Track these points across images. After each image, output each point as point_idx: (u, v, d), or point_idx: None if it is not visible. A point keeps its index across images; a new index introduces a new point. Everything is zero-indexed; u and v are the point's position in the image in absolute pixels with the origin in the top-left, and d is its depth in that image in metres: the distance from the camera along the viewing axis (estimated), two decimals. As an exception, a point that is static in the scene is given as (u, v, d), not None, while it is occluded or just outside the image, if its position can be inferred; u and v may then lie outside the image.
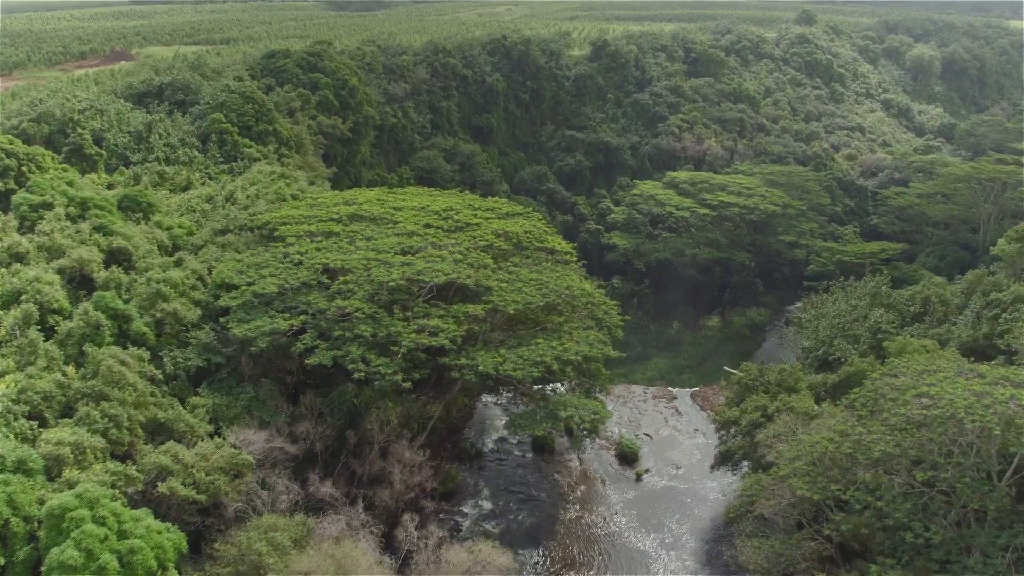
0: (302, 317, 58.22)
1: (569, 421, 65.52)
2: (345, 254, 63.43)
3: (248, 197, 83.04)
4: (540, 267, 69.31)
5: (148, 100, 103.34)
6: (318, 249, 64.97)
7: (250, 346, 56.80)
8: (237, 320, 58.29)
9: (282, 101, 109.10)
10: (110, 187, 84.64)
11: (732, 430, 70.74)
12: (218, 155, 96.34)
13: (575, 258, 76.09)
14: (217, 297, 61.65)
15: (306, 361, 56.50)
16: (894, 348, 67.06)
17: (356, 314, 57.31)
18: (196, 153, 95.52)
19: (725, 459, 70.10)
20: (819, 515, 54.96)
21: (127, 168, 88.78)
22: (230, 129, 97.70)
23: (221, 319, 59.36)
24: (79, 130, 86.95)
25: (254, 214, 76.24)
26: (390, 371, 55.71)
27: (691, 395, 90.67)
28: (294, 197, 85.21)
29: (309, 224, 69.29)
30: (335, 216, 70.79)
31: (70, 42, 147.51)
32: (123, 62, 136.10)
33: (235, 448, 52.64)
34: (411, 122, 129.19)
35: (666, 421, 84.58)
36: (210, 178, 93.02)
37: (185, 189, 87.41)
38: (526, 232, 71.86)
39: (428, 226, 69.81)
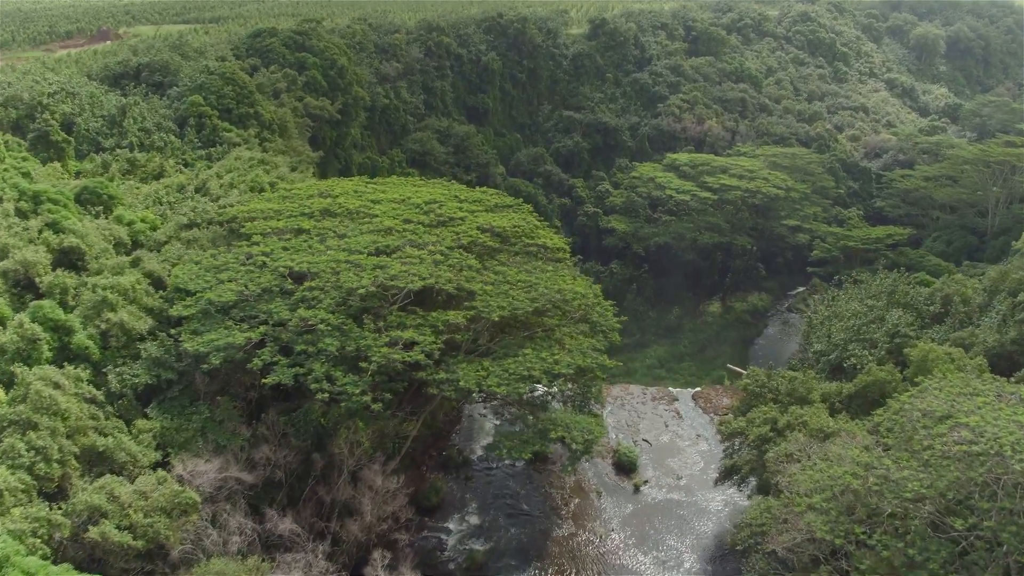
0: (262, 328, 50.31)
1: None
2: (313, 255, 55.42)
3: (222, 186, 75.09)
4: (530, 266, 61.26)
5: (125, 82, 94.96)
6: (285, 248, 56.99)
7: (202, 363, 49.04)
8: (190, 332, 50.40)
9: (267, 82, 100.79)
10: (79, 175, 76.82)
11: (737, 441, 63.06)
12: (196, 140, 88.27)
13: (568, 254, 67.94)
14: (173, 303, 53.88)
15: (263, 381, 48.69)
16: (916, 355, 59.15)
17: (320, 326, 49.37)
18: (173, 138, 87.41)
19: (730, 474, 62.37)
20: (838, 551, 47.37)
21: (98, 155, 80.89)
22: (209, 112, 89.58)
23: (173, 330, 51.46)
24: (46, 115, 78.71)
25: (224, 206, 68.37)
26: (358, 391, 47.87)
27: (692, 396, 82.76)
28: (272, 185, 77.31)
29: (278, 220, 61.28)
30: (307, 210, 62.74)
31: (57, 21, 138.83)
32: (108, 41, 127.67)
33: (182, 482, 44.97)
34: (404, 103, 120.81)
35: (666, 425, 76.67)
36: (186, 165, 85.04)
37: (158, 177, 79.34)
38: (514, 227, 63.70)
39: (408, 221, 61.69)
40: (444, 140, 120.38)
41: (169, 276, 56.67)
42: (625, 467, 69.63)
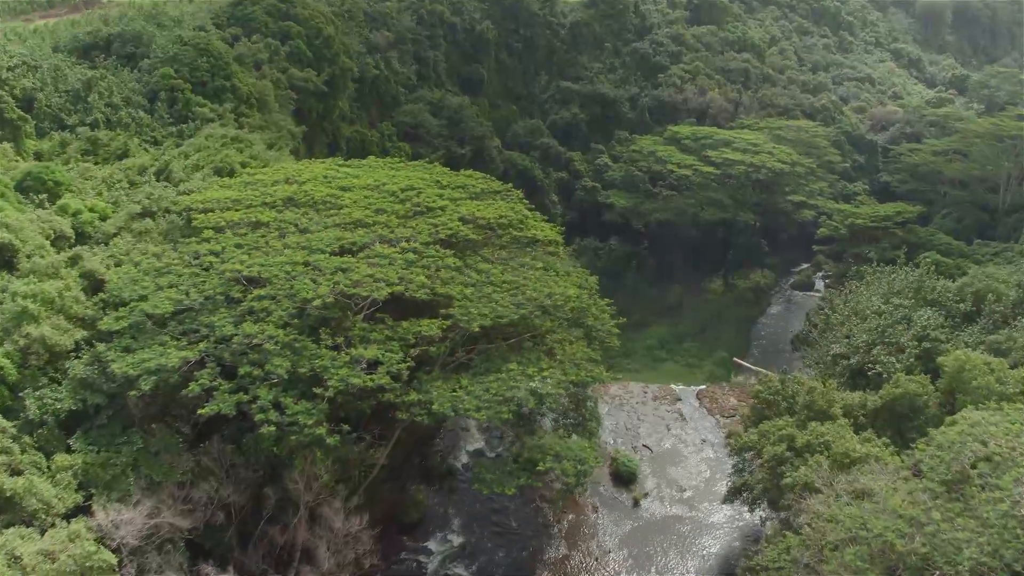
0: (202, 345, 41.25)
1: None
2: (268, 255, 46.21)
3: (186, 168, 65.90)
4: (517, 262, 52.14)
5: (95, 54, 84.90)
6: (238, 246, 47.77)
7: (131, 388, 40.12)
8: (121, 349, 41.38)
9: (248, 53, 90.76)
10: (38, 156, 67.65)
11: (748, 456, 54.35)
12: (167, 116, 78.59)
13: (561, 246, 58.67)
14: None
15: (200, 411, 39.73)
16: (950, 366, 50.08)
17: (268, 345, 40.29)
18: (142, 114, 77.66)
19: (739, 493, 53.69)
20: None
21: (59, 133, 71.57)
22: (181, 86, 79.78)
23: (100, 347, 42.33)
24: (3, 91, 69.17)
25: (184, 192, 59.29)
26: (311, 421, 39.04)
27: (697, 395, 73.69)
28: (244, 166, 68.06)
29: (236, 211, 52.06)
30: (269, 200, 53.46)
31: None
32: (90, 10, 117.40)
33: (101, 536, 36.32)
34: (395, 74, 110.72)
35: (668, 429, 67.73)
36: (156, 143, 75.53)
37: (122, 158, 69.99)
38: (500, 217, 54.27)
39: (381, 211, 52.36)
40: (437, 112, 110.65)
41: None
42: (624, 478, 60.78)
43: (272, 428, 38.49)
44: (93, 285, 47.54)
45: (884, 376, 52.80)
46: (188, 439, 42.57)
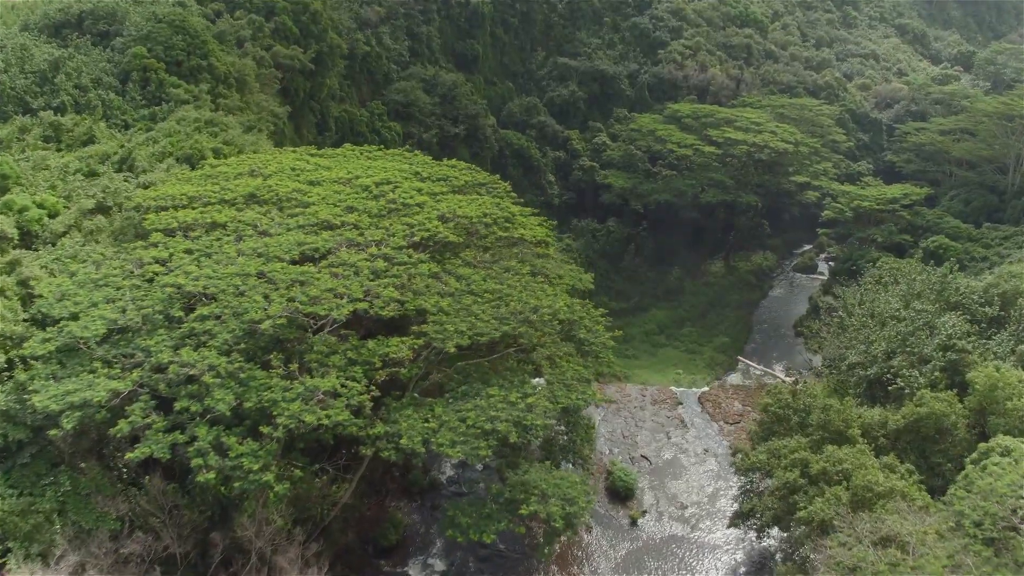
0: (135, 374, 34.67)
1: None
2: (218, 265, 39.49)
3: (152, 157, 59.16)
4: (502, 264, 45.38)
5: (66, 32, 77.70)
6: (189, 252, 41.13)
7: (52, 426, 33.60)
8: (45, 377, 34.82)
9: (230, 30, 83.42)
10: (-2, 143, 61.05)
11: (757, 477, 47.92)
12: (139, 98, 71.61)
13: (552, 242, 51.86)
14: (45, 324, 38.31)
15: (128, 455, 33.23)
16: (981, 382, 43.54)
17: (207, 377, 33.64)
18: (112, 96, 70.63)
19: (746, 518, 47.27)
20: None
21: (21, 118, 64.68)
22: (155, 66, 72.55)
23: (22, 375, 35.70)
24: (-41, 73, 62.45)
25: (143, 185, 52.65)
26: (258, 466, 32.59)
27: (699, 399, 67.02)
28: (216, 152, 61.36)
29: (192, 209, 45.30)
30: (229, 196, 46.62)
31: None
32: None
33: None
34: (386, 50, 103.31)
35: (668, 437, 61.12)
36: (126, 127, 68.83)
37: (87, 144, 63.18)
38: (484, 214, 47.38)
39: (351, 210, 45.53)
40: (430, 90, 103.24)
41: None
42: (620, 494, 54.24)
43: (211, 476, 31.92)
44: (32, 295, 40.99)
45: (906, 391, 46.13)
46: (124, 478, 36.04)
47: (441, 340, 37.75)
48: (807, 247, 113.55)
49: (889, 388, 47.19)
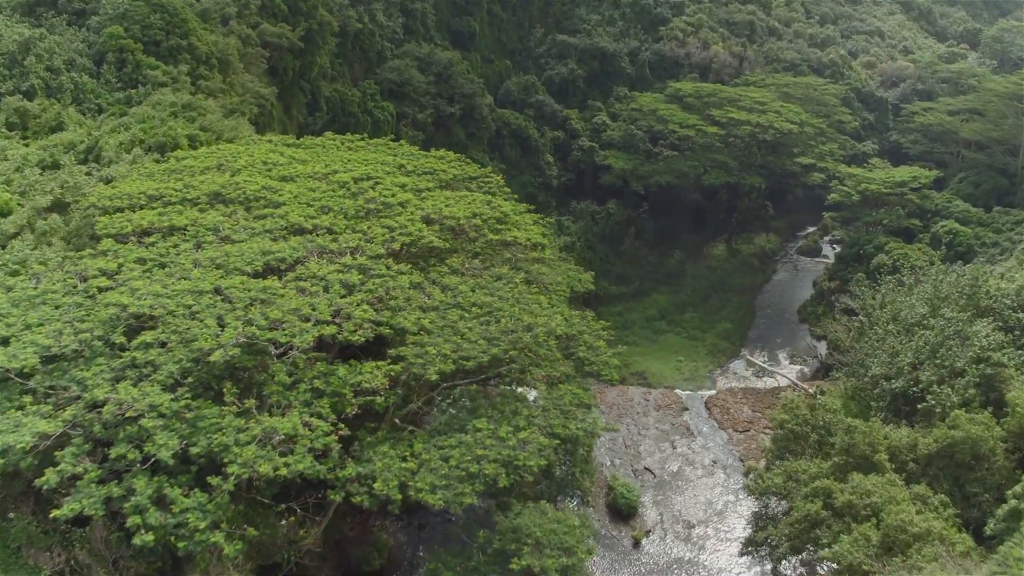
0: (69, 411, 29.03)
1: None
2: (170, 279, 33.74)
3: (121, 146, 53.33)
4: (493, 272, 39.65)
5: (41, 11, 71.44)
6: (140, 262, 35.44)
7: (-34, 474, 28.09)
8: (-34, 414, 29.32)
9: (214, 7, 76.94)
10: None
11: (773, 502, 42.48)
12: (114, 80, 65.63)
13: (549, 244, 45.96)
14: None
15: (54, 513, 27.69)
16: (1022, 404, 38.19)
17: (145, 420, 27.97)
18: (86, 79, 64.66)
19: (759, 545, 41.86)
20: None
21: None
22: (131, 46, 66.42)
23: (-62, 411, 30.14)
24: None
25: (105, 179, 46.89)
26: (205, 523, 27.09)
27: (705, 403, 61.31)
28: (192, 141, 55.56)
29: (150, 210, 39.51)
30: (192, 195, 40.75)
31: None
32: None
33: None
34: (379, 27, 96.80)
35: (673, 446, 55.56)
36: (100, 111, 62.98)
37: (56, 131, 57.34)
38: (474, 215, 41.48)
39: (325, 210, 39.82)
40: (425, 68, 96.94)
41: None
42: (622, 512, 48.70)
43: (149, 538, 26.43)
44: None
45: (937, 410, 40.55)
46: (61, 528, 30.48)
47: (422, 366, 32.09)
48: (811, 229, 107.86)
49: (919, 407, 41.47)
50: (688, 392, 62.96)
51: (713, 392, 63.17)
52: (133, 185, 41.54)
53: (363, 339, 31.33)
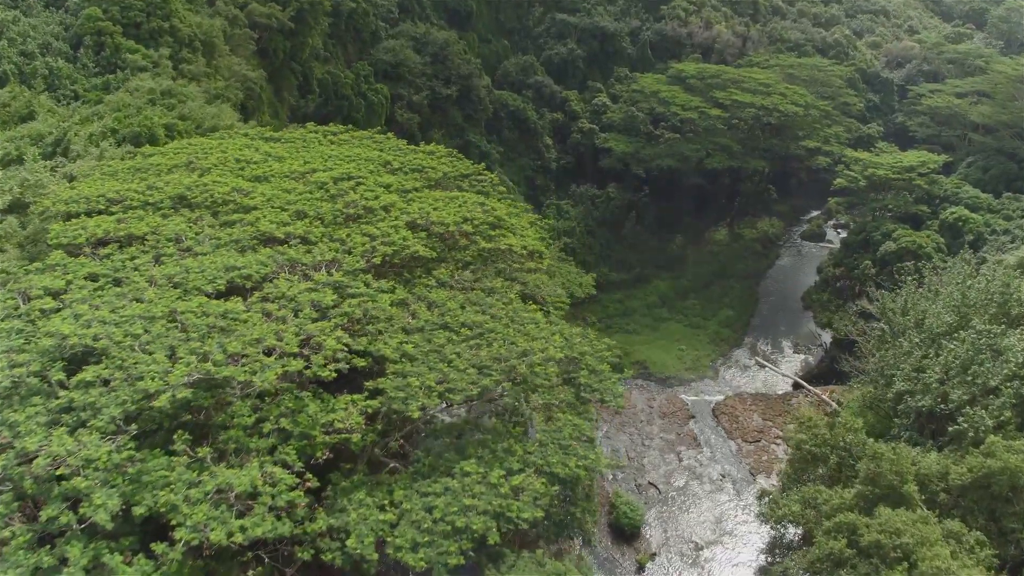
0: (0, 460, 24.61)
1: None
2: (122, 299, 29.12)
3: (92, 137, 48.61)
4: (486, 284, 35.00)
5: (15, -9, 66.56)
6: (92, 278, 30.80)
7: None
8: None
9: (199, -13, 72.42)
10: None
11: (790, 531, 38.19)
12: (92, 65, 60.85)
13: (547, 251, 40.99)
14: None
15: (-32, 588, 23.36)
16: (1070, 436, 33.81)
17: (78, 479, 23.48)
18: (62, 63, 59.82)
19: (773, 578, 37.60)
20: None
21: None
22: (110, 29, 61.58)
23: None
24: None
25: (68, 176, 42.19)
26: (146, 602, 22.71)
27: (713, 410, 56.82)
28: (169, 131, 50.90)
29: (108, 216, 34.80)
30: (156, 197, 35.99)
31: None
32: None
33: None
34: (374, 6, 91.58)
35: (679, 458, 51.14)
36: (76, 98, 58.27)
37: (27, 120, 52.56)
38: (465, 219, 36.76)
39: (300, 215, 35.12)
40: (421, 49, 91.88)
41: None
42: (625, 532, 44.40)
43: (81, 619, 22.08)
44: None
45: (970, 434, 36.11)
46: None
47: (403, 400, 27.57)
48: (815, 213, 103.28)
49: (948, 428, 37.02)
50: (694, 398, 58.39)
51: (720, 398, 58.55)
52: (93, 186, 36.80)
53: (332, 375, 26.72)
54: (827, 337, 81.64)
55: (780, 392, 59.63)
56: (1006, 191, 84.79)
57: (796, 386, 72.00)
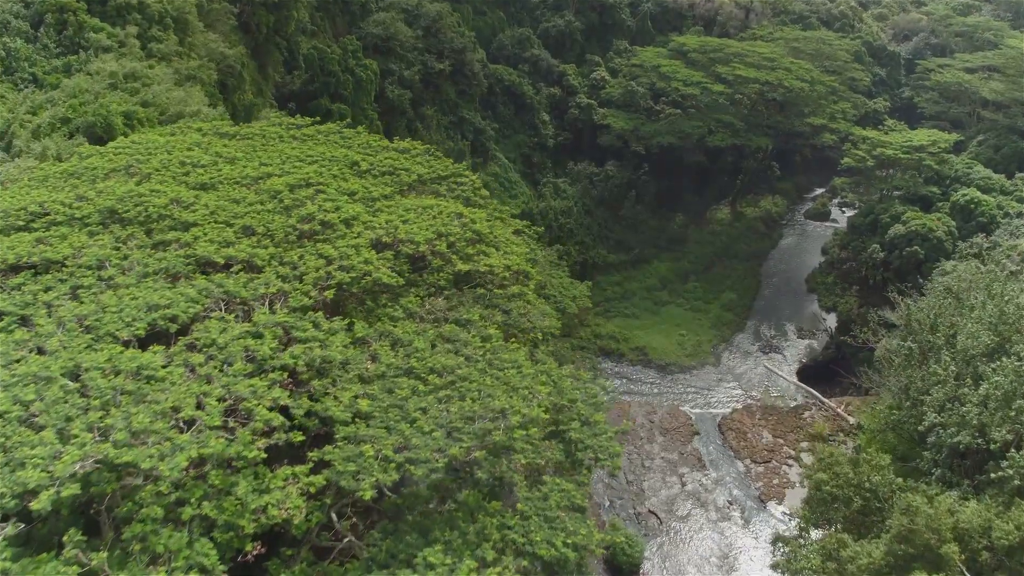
0: None
1: None
2: (18, 351, 23.27)
3: (38, 130, 42.54)
4: (461, 314, 29.03)
5: (-26, -35, 59.89)
6: (-5, 317, 25.00)
7: None
8: None
9: (174, -42, 65.53)
10: None
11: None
12: (53, 46, 54.48)
13: (535, 273, 34.69)
14: None
15: None
16: None
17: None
18: (20, 44, 53.44)
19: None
20: None
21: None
22: (73, 5, 55.02)
23: None
24: None
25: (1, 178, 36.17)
26: None
27: (719, 425, 50.94)
28: (129, 119, 44.87)
29: (24, 237, 28.72)
30: (82, 211, 29.85)
31: None
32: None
33: None
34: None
35: (682, 482, 45.42)
36: (35, 81, 52.05)
37: (-22, 106, 46.41)
38: (438, 237, 30.57)
39: (248, 232, 29.11)
40: (412, 22, 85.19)
41: None
42: (623, 570, 38.81)
43: None
44: None
45: (1016, 481, 30.37)
46: None
47: (353, 476, 21.80)
48: (820, 191, 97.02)
49: (991, 475, 31.24)
50: (699, 411, 52.44)
51: (727, 411, 52.62)
52: (15, 197, 30.72)
53: (261, 454, 20.93)
54: (832, 321, 76.32)
55: (792, 405, 53.69)
56: (1018, 171, 79.12)
57: (800, 376, 66.63)
